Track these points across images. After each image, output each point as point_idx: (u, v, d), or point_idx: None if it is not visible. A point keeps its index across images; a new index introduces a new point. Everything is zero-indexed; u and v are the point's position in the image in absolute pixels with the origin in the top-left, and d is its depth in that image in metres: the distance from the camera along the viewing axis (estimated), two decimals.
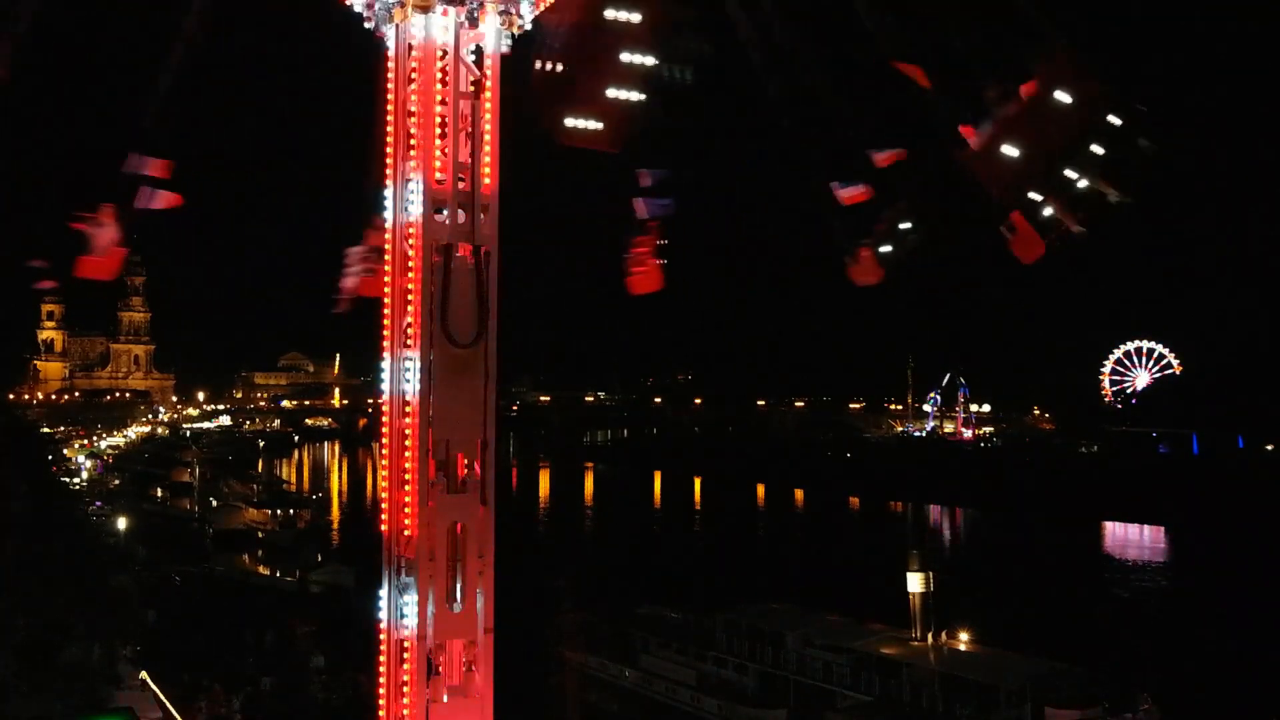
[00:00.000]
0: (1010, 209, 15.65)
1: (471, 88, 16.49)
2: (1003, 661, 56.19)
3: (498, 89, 16.45)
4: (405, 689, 16.33)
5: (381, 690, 16.81)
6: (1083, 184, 15.51)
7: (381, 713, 16.75)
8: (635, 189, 17.45)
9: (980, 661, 56.51)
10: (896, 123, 16.56)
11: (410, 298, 16.52)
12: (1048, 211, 15.68)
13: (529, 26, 16.59)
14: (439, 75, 16.28)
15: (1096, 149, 15.34)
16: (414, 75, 16.32)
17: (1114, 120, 15.35)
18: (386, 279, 16.82)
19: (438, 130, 16.47)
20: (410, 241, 16.52)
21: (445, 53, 16.31)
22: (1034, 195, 15.53)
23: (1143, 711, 51.87)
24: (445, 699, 16.44)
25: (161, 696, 48.18)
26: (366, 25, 16.68)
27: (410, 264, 16.51)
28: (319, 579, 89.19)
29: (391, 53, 16.57)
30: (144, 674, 49.14)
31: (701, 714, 62.14)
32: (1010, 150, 15.28)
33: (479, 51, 16.46)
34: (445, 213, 16.47)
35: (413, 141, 16.50)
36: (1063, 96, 15.15)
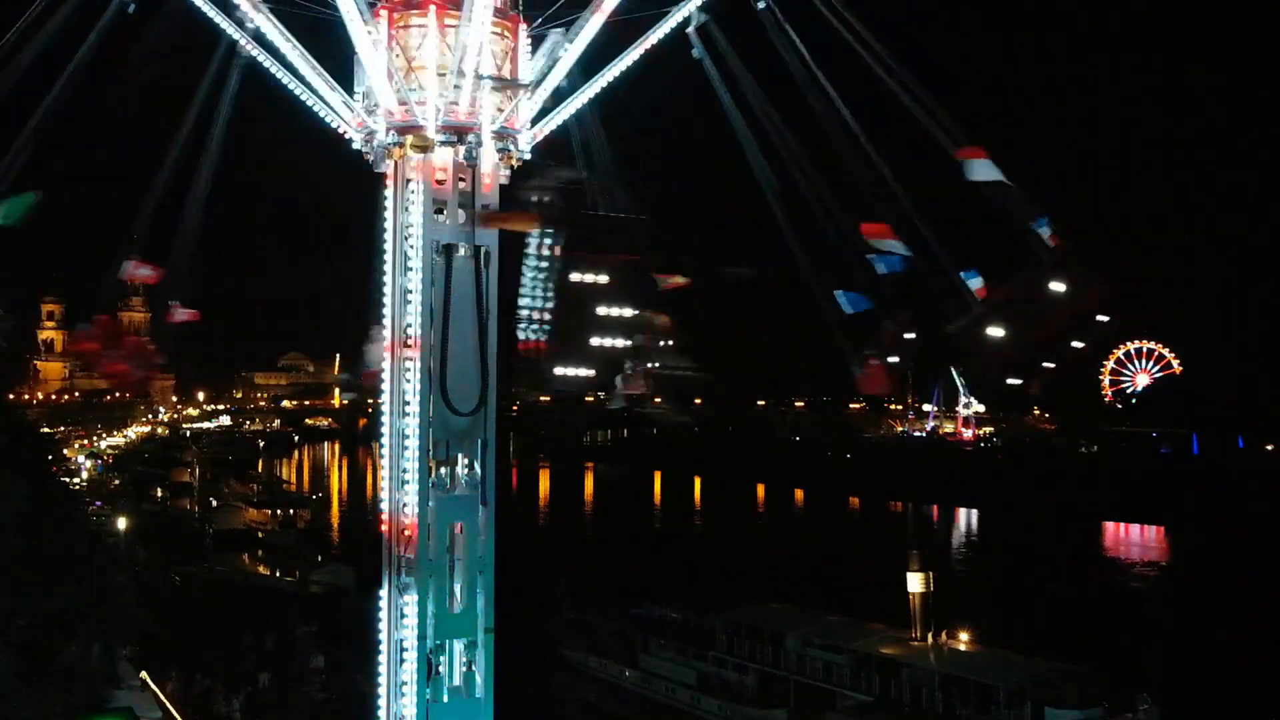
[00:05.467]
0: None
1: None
2: (1003, 661, 56.24)
3: (498, 237, 16.83)
4: (405, 689, 16.35)
5: (381, 690, 16.83)
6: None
7: (381, 713, 16.77)
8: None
9: (980, 661, 56.57)
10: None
11: (410, 298, 16.56)
12: None
13: (528, 157, 16.95)
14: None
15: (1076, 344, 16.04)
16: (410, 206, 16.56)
17: (1101, 318, 16.03)
18: (386, 279, 16.88)
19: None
20: (410, 242, 16.57)
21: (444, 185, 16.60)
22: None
23: (1143, 711, 51.92)
24: (445, 699, 16.47)
25: (161, 696, 48.20)
26: (365, 158, 16.92)
27: (410, 264, 16.56)
28: (319, 579, 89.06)
29: (389, 187, 16.76)
30: (144, 674, 49.14)
31: (701, 714, 62.17)
32: (998, 332, 15.93)
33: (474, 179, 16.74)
34: (445, 213, 16.56)
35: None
36: (1058, 286, 15.71)
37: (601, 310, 16.84)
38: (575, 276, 16.93)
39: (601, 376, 17.23)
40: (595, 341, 16.97)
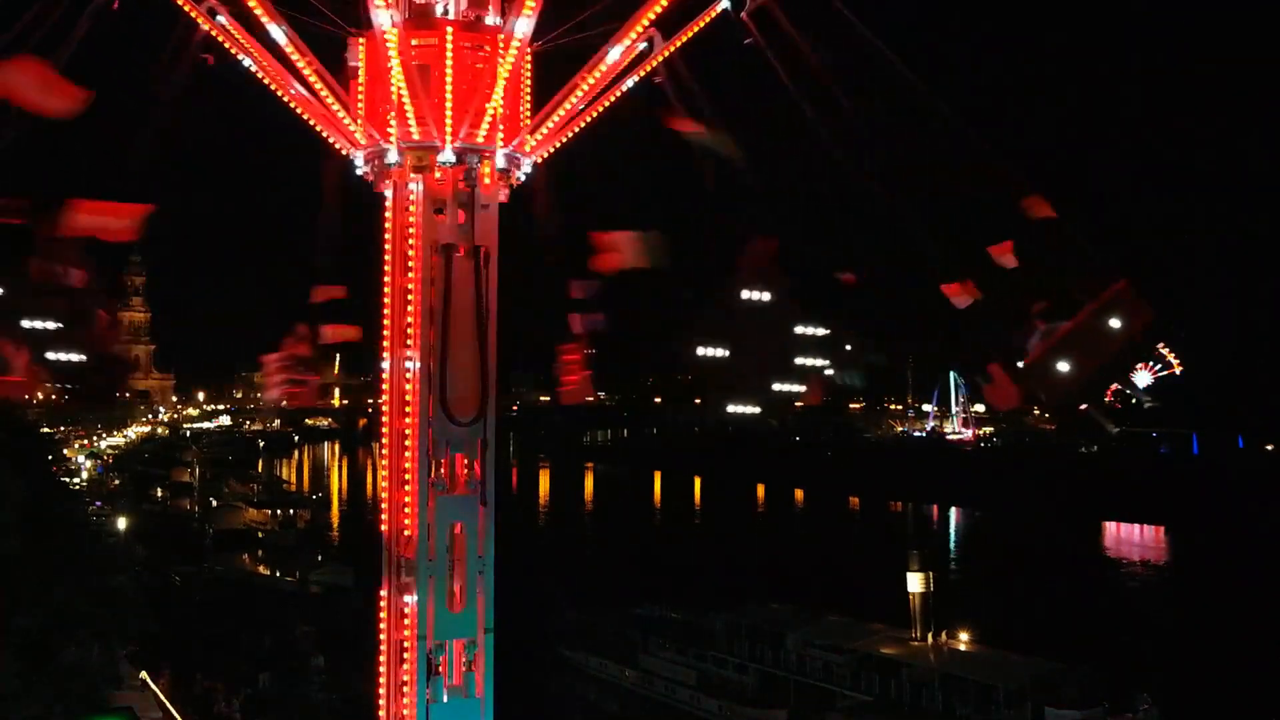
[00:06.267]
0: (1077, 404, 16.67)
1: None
2: (1003, 661, 56.24)
3: (497, 237, 16.73)
4: (405, 689, 16.34)
5: (381, 690, 16.83)
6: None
7: (381, 713, 16.76)
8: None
9: (980, 661, 56.57)
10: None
11: (410, 298, 16.54)
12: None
13: (530, 172, 16.95)
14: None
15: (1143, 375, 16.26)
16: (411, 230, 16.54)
17: (1163, 350, 16.32)
18: (386, 279, 16.86)
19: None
20: (410, 241, 16.55)
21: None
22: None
23: (1143, 711, 51.93)
24: (445, 699, 16.46)
25: (161, 696, 48.22)
26: (366, 179, 16.89)
27: (410, 264, 16.54)
28: (319, 579, 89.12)
29: (389, 207, 16.73)
30: (144, 674, 49.17)
31: (701, 714, 62.17)
32: (1063, 366, 16.12)
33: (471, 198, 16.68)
34: (445, 212, 16.53)
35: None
36: (1114, 322, 15.90)
37: None
38: None
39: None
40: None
